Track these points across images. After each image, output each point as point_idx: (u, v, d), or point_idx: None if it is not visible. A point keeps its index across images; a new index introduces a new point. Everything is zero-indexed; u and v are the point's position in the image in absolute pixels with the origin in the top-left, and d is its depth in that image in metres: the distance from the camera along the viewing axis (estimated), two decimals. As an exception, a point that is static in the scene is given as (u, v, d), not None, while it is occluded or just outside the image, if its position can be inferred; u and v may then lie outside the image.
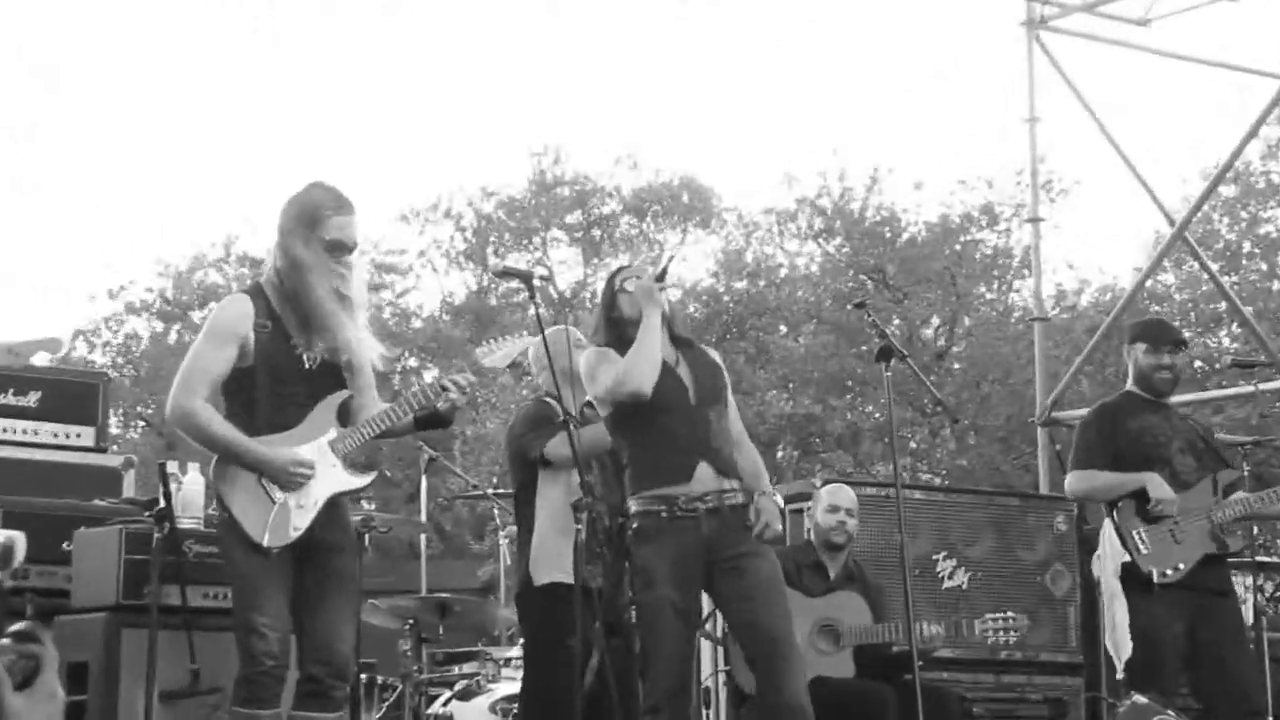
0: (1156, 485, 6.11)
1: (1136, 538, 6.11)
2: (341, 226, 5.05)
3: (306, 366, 5.02)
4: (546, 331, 5.95)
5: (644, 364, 5.29)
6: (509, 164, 34.49)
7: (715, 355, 5.66)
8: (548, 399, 6.15)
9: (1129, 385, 6.44)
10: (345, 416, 5.11)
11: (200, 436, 4.94)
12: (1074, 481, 6.33)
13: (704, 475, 5.31)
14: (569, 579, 5.67)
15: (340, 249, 5.05)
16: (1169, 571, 6.07)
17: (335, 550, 5.04)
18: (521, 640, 6.36)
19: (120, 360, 28.08)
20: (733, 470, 5.39)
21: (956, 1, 34.93)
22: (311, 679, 4.96)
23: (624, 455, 5.47)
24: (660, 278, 5.43)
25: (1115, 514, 6.20)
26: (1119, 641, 6.20)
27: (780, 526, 5.40)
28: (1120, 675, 6.40)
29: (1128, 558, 6.11)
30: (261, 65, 40.17)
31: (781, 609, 5.27)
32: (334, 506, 5.04)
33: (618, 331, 5.51)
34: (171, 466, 5.99)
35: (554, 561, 5.86)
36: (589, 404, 6.05)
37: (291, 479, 4.93)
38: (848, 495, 7.24)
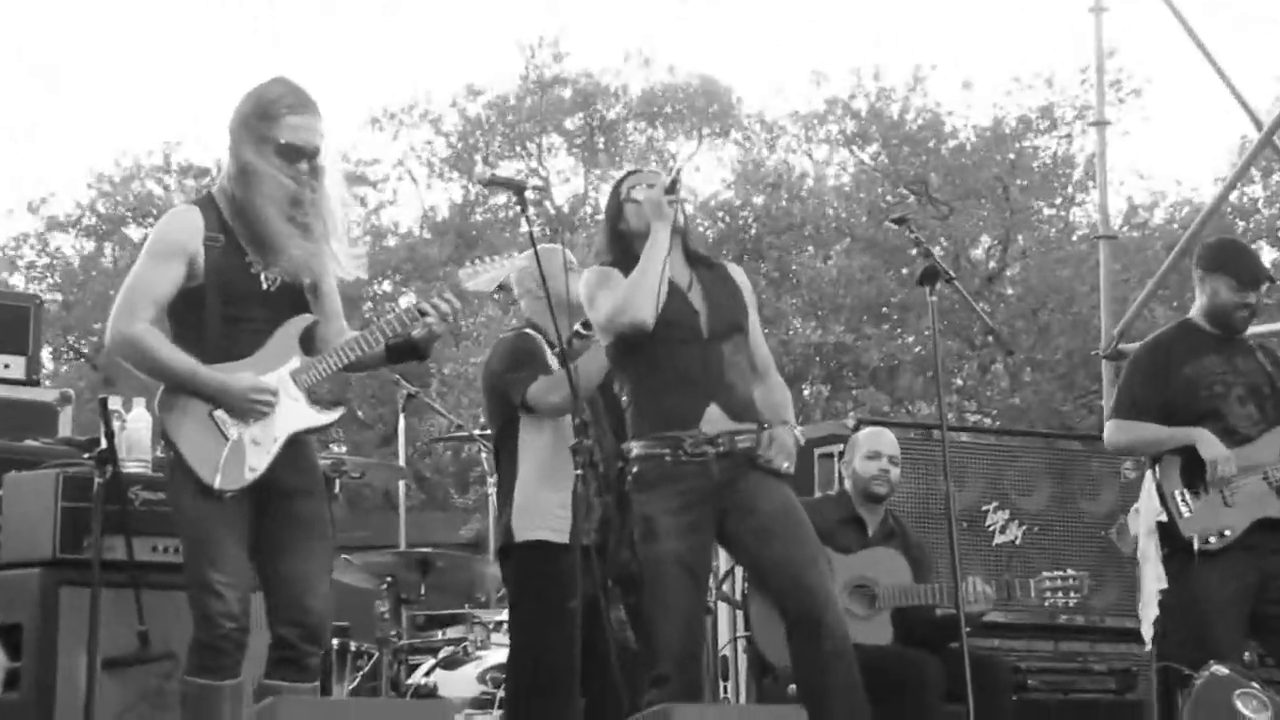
0: (1208, 444, 6.09)
1: (1178, 498, 6.12)
2: (296, 127, 5.02)
3: (264, 287, 5.02)
4: (531, 251, 5.92)
5: (646, 290, 5.28)
6: (497, 60, 34.37)
7: (738, 273, 5.65)
8: (529, 330, 6.12)
9: (1193, 315, 6.42)
10: (309, 345, 5.11)
11: (145, 364, 4.94)
12: (1113, 432, 6.34)
13: (714, 417, 5.32)
14: (557, 536, 5.70)
15: (295, 154, 5.02)
16: (1212, 539, 6.07)
17: (300, 494, 5.04)
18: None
19: (47, 284, 27.98)
20: (749, 411, 5.39)
21: None
22: (283, 642, 4.98)
23: (625, 392, 5.48)
24: (671, 189, 5.40)
25: (1157, 468, 6.20)
26: (1146, 607, 6.26)
27: (789, 463, 5.38)
28: (1148, 646, 6.45)
29: (1165, 518, 6.13)
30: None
31: (806, 537, 5.29)
32: (297, 446, 5.04)
33: (624, 247, 5.50)
34: (114, 402, 5.98)
35: (540, 517, 5.88)
36: (578, 332, 6.05)
37: (252, 407, 4.93)
38: (889, 440, 7.24)
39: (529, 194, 5.51)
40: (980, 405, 23.30)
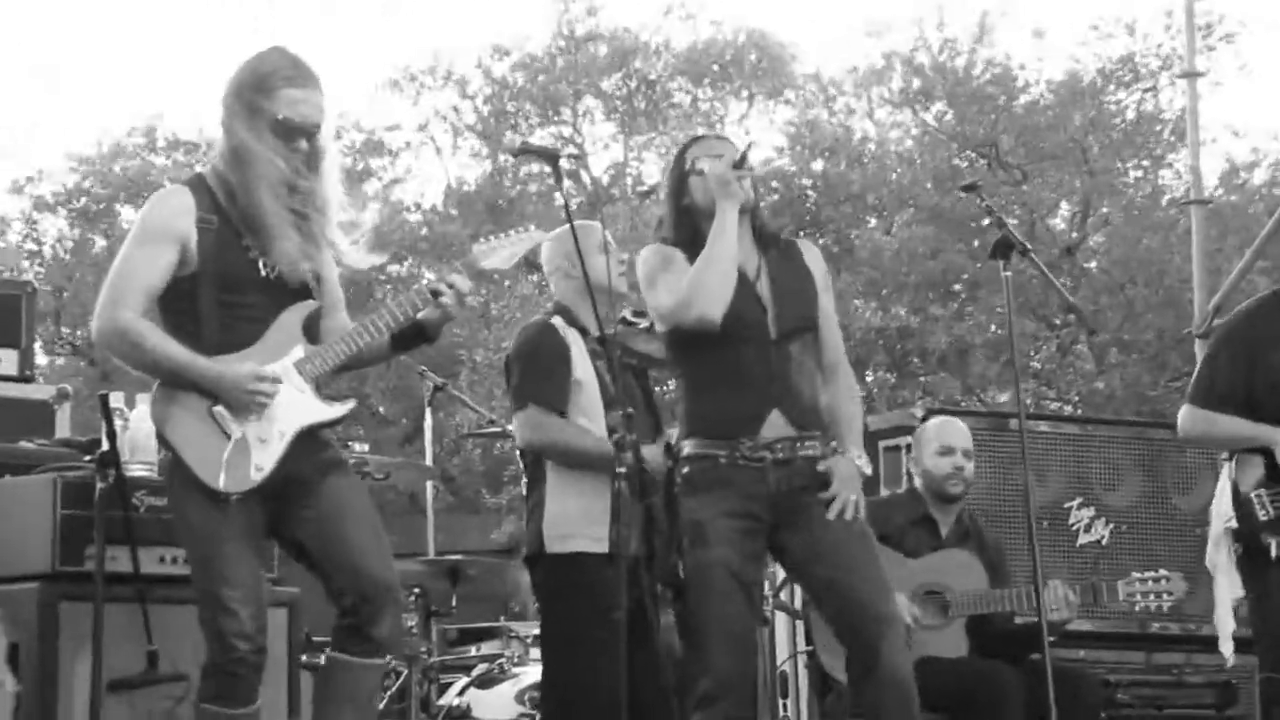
0: None
1: (1256, 500, 6.09)
2: (294, 102, 5.03)
3: (263, 273, 5.04)
4: (564, 227, 5.91)
5: (715, 282, 5.25)
6: (525, 16, 34.33)
7: (811, 254, 5.59)
8: (555, 320, 6.10)
9: None
10: (313, 334, 5.14)
11: (135, 356, 4.96)
12: (1186, 420, 6.26)
13: (776, 424, 5.32)
14: (595, 546, 5.72)
15: (293, 131, 5.04)
16: None
17: (322, 472, 5.07)
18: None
19: (35, 271, 28.03)
20: (813, 420, 5.39)
21: None
22: (344, 610, 5.02)
23: (678, 387, 5.48)
24: (739, 163, 5.36)
25: (1234, 465, 6.17)
26: (1221, 617, 6.22)
27: (857, 508, 5.34)
28: (1229, 659, 6.42)
29: (1236, 523, 6.10)
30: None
31: (869, 559, 5.29)
32: (309, 441, 5.06)
33: (690, 225, 5.45)
34: (116, 399, 6.01)
35: (573, 524, 5.88)
36: (625, 319, 6.04)
37: (250, 399, 4.93)
38: (962, 432, 7.22)
39: (564, 163, 5.51)
40: (1060, 392, 23.22)
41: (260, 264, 5.03)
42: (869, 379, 23.07)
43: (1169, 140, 23.88)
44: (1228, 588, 6.20)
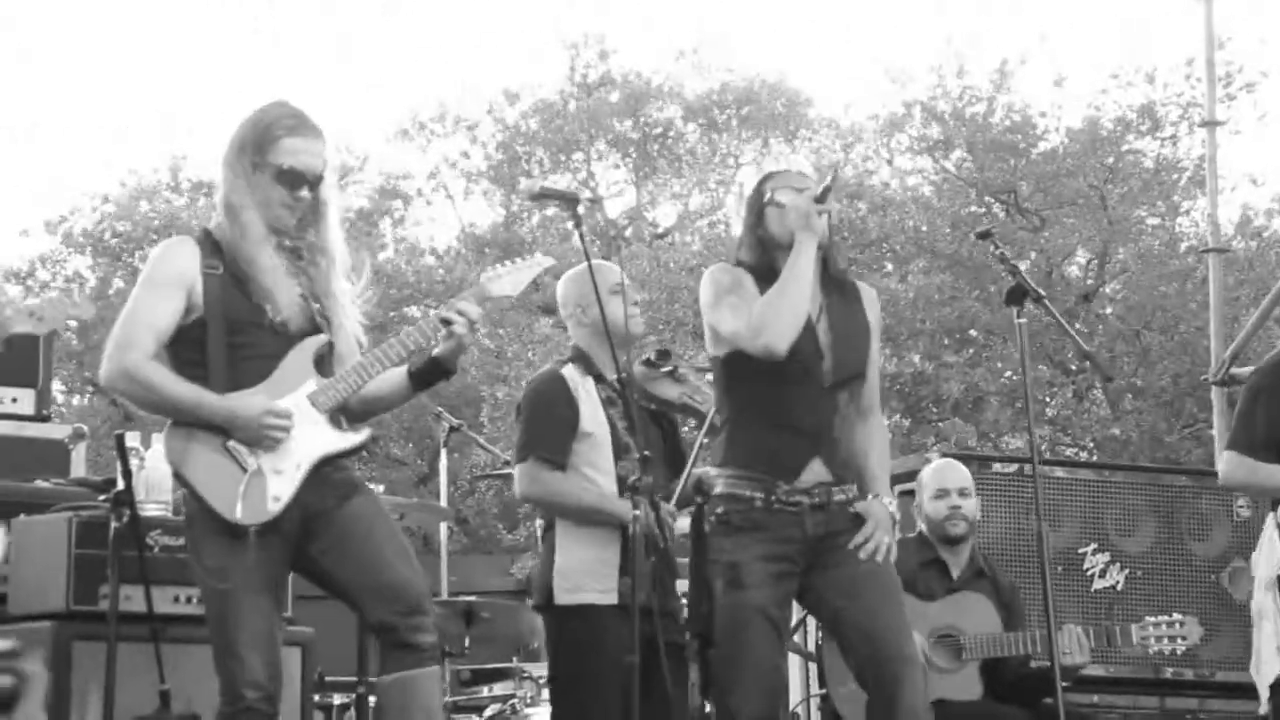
0: None
1: None
2: (295, 151, 5.08)
3: (270, 318, 5.06)
4: (578, 268, 5.95)
5: (787, 313, 5.22)
6: (535, 63, 34.47)
7: (870, 299, 5.57)
8: (565, 371, 6.09)
9: None
10: (326, 370, 5.14)
11: (147, 397, 4.98)
12: (1229, 466, 6.24)
13: (816, 471, 5.33)
14: (604, 598, 5.73)
15: (295, 179, 5.07)
16: None
17: (342, 498, 5.06)
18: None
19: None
20: (849, 472, 5.40)
21: None
22: (382, 628, 4.99)
23: (722, 416, 5.46)
24: (821, 197, 5.33)
25: (1278, 513, 6.15)
26: (1262, 665, 6.18)
27: (889, 544, 5.37)
28: (1264, 710, 6.39)
29: None
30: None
31: (893, 602, 5.30)
32: (327, 471, 5.06)
33: (765, 255, 5.42)
34: (132, 439, 6.03)
35: (581, 576, 5.87)
36: (649, 361, 6.05)
37: (265, 434, 4.94)
38: (957, 473, 7.22)
39: (582, 207, 5.51)
40: (1075, 437, 23.16)
41: (266, 309, 5.05)
42: (886, 423, 23.04)
43: (1186, 188, 23.87)
44: (1274, 636, 6.16)
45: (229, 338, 5.01)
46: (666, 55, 32.62)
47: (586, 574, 5.83)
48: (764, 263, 5.40)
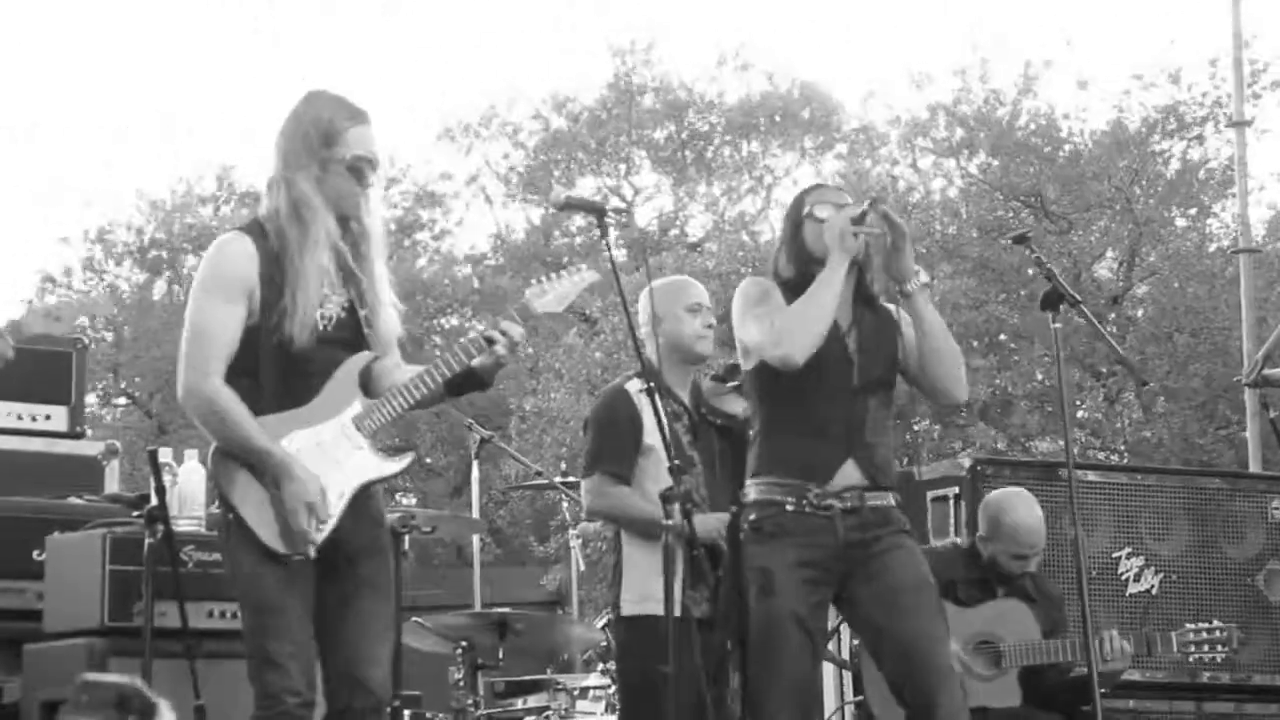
0: None
1: None
2: (362, 140, 5.06)
3: (320, 325, 5.02)
4: (657, 282, 6.08)
5: (808, 326, 5.25)
6: (580, 68, 34.48)
7: (899, 316, 5.54)
8: (630, 386, 6.14)
9: None
10: (369, 385, 5.11)
11: (217, 429, 4.92)
12: None
13: (849, 474, 5.32)
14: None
15: (367, 167, 5.05)
16: None
17: (365, 553, 5.05)
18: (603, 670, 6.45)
19: (98, 320, 28.02)
20: (885, 477, 5.39)
21: None
22: (339, 713, 4.99)
23: (756, 426, 5.46)
24: (860, 219, 5.34)
25: None
26: None
27: None
28: None
29: None
30: (263, -45, 40.59)
31: (931, 611, 5.28)
32: (363, 497, 5.04)
33: (801, 268, 5.44)
34: (165, 454, 6.02)
35: (645, 587, 5.91)
36: (717, 375, 6.07)
37: (296, 512, 4.86)
38: (1039, 534, 7.00)
39: (609, 217, 5.50)
40: (1105, 441, 23.10)
41: (319, 315, 5.01)
42: (916, 427, 22.96)
43: (1215, 188, 23.77)
44: None
45: (279, 348, 4.94)
46: (705, 63, 32.41)
47: (651, 586, 5.84)
48: (799, 277, 5.41)
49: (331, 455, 4.97)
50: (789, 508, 5.27)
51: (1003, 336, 23.25)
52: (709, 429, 6.14)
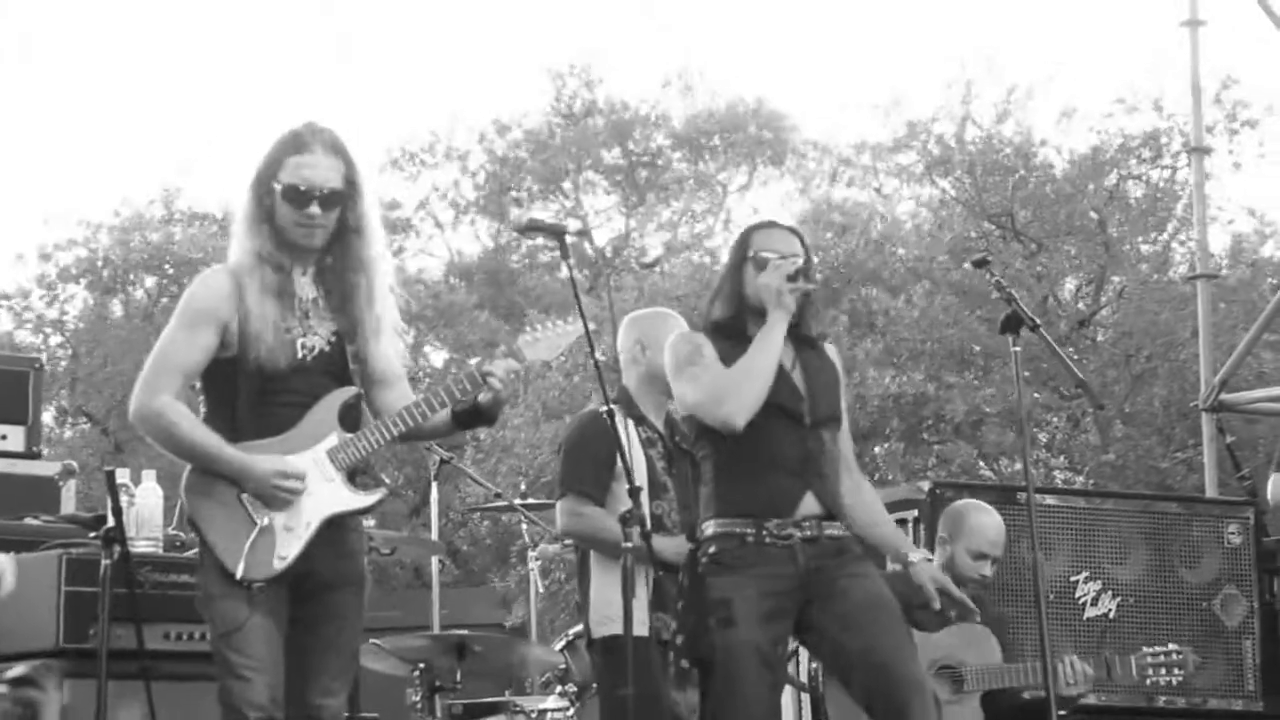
0: None
1: None
2: (300, 166, 5.04)
3: (300, 356, 5.06)
4: (638, 313, 6.26)
5: (748, 391, 5.29)
6: (522, 90, 34.52)
7: (834, 355, 5.62)
8: (606, 412, 6.17)
9: None
10: (351, 420, 5.14)
11: (168, 442, 4.99)
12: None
13: (809, 505, 5.37)
14: (636, 630, 5.76)
15: (301, 197, 5.02)
16: None
17: (333, 585, 5.08)
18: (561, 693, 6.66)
19: (54, 339, 27.88)
20: (839, 508, 5.43)
21: None
22: None
23: (707, 467, 5.49)
24: (795, 276, 5.38)
25: None
26: None
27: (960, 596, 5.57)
28: None
29: None
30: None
31: (897, 629, 5.33)
32: (336, 530, 5.08)
33: (737, 311, 5.48)
34: (122, 474, 6.03)
35: (614, 609, 5.91)
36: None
37: (274, 493, 4.96)
38: (999, 539, 7.11)
39: (570, 239, 5.54)
40: (1071, 461, 23.18)
41: (299, 346, 5.05)
42: (879, 450, 22.98)
43: (1183, 215, 23.87)
44: None
45: (259, 379, 5.00)
46: (653, 82, 32.50)
47: (619, 606, 5.88)
48: (734, 321, 5.47)
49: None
50: (749, 539, 5.30)
51: (976, 351, 23.27)
52: (683, 455, 6.20)
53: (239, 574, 4.90)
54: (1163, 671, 6.99)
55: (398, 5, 39.49)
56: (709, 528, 5.38)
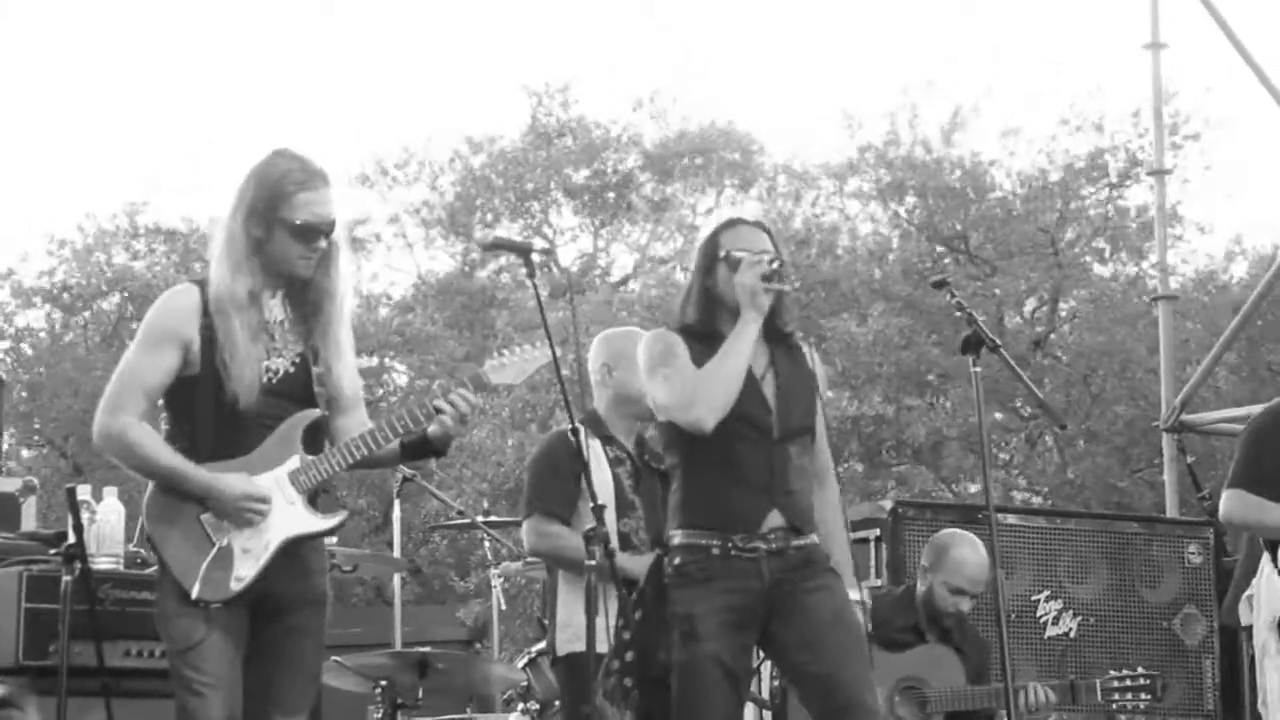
0: None
1: None
2: (310, 204, 5.03)
3: (265, 379, 5.02)
4: (607, 332, 6.24)
5: (719, 393, 5.25)
6: (496, 110, 34.54)
7: (812, 358, 5.55)
8: (574, 434, 6.16)
9: None
10: (315, 442, 5.12)
11: (131, 461, 4.96)
12: (1234, 506, 6.22)
13: (774, 521, 5.33)
14: (602, 648, 5.74)
15: (312, 234, 5.03)
16: None
17: (295, 604, 5.06)
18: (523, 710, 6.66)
19: (9, 361, 27.76)
20: (808, 524, 5.39)
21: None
22: None
23: (676, 475, 5.46)
24: (769, 277, 5.33)
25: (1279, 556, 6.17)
26: (1272, 709, 6.18)
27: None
28: None
29: None
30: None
31: (856, 653, 5.28)
32: (296, 551, 5.05)
33: (709, 311, 5.43)
34: (83, 492, 5.99)
35: (581, 626, 5.91)
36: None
37: (240, 514, 4.93)
38: (981, 575, 7.08)
39: (536, 257, 5.53)
40: (1030, 481, 23.25)
41: (263, 369, 5.01)
42: (840, 470, 23.02)
43: (1138, 234, 23.99)
44: (1278, 675, 6.15)
45: (220, 400, 4.96)
46: (624, 104, 32.56)
47: (583, 625, 5.88)
48: (706, 322, 5.42)
49: None
50: (714, 551, 5.28)
51: (931, 377, 23.34)
52: (651, 474, 6.23)
53: (194, 594, 4.88)
54: (1129, 696, 6.99)
55: (372, 22, 39.56)
56: (675, 537, 5.35)
